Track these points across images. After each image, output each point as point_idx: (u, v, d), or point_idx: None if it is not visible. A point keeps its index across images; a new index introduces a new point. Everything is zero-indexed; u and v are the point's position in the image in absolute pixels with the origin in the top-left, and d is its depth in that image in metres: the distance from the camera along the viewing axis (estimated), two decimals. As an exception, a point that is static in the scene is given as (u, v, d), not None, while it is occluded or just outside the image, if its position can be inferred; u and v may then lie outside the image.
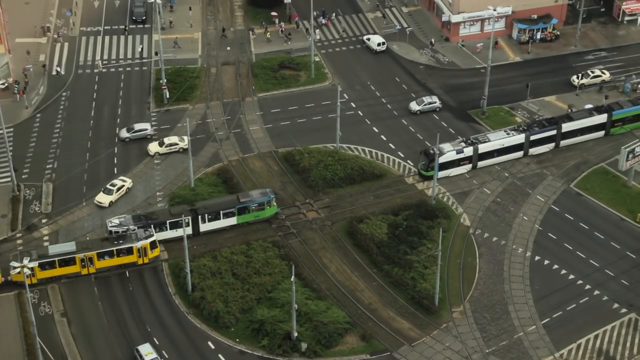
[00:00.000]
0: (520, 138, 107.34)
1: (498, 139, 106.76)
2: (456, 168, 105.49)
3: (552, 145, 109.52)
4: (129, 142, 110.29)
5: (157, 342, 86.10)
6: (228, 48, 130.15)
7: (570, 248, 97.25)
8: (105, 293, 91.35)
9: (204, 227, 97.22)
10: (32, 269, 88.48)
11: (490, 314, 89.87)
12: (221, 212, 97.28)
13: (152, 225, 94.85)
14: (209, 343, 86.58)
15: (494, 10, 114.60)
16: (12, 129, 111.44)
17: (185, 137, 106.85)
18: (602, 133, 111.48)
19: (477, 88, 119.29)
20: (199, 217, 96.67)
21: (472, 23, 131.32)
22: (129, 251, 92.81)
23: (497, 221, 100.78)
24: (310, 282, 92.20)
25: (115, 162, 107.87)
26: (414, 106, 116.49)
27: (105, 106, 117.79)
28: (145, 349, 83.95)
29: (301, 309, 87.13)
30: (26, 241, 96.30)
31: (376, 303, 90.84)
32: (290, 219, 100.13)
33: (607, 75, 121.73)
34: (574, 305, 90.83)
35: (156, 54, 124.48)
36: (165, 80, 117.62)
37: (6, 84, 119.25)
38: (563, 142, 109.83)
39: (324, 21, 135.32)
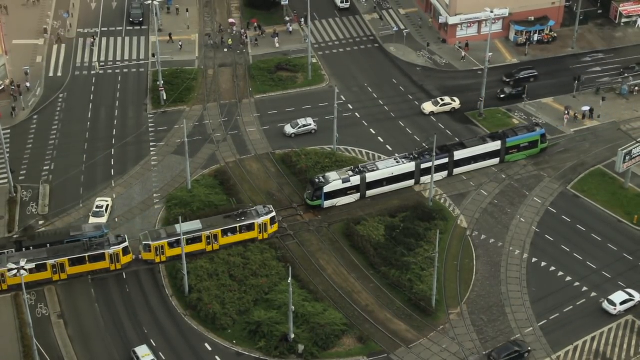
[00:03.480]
0: (410, 166, 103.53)
1: (387, 168, 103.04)
2: (343, 197, 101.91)
3: (445, 173, 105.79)
4: (127, 145, 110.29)
5: (154, 344, 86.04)
6: (225, 50, 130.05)
7: (568, 250, 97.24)
8: (102, 295, 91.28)
9: None
10: (162, 246, 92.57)
11: (487, 316, 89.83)
12: (48, 245, 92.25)
13: None
14: (206, 345, 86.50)
15: (491, 12, 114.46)
16: (9, 131, 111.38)
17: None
18: (497, 160, 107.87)
19: (474, 90, 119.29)
20: (24, 250, 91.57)
21: (469, 25, 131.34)
22: (250, 227, 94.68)
23: (494, 223, 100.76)
24: (307, 284, 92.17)
25: (112, 164, 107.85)
26: (288, 129, 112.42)
27: (103, 108, 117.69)
28: (142, 351, 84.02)
29: (298, 310, 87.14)
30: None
31: (373, 305, 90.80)
32: (288, 220, 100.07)
33: (457, 103, 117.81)
34: (571, 307, 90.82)
35: (153, 55, 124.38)
36: (162, 82, 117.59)
37: (2, 86, 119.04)
38: (456, 170, 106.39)
39: (290, 25, 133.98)
